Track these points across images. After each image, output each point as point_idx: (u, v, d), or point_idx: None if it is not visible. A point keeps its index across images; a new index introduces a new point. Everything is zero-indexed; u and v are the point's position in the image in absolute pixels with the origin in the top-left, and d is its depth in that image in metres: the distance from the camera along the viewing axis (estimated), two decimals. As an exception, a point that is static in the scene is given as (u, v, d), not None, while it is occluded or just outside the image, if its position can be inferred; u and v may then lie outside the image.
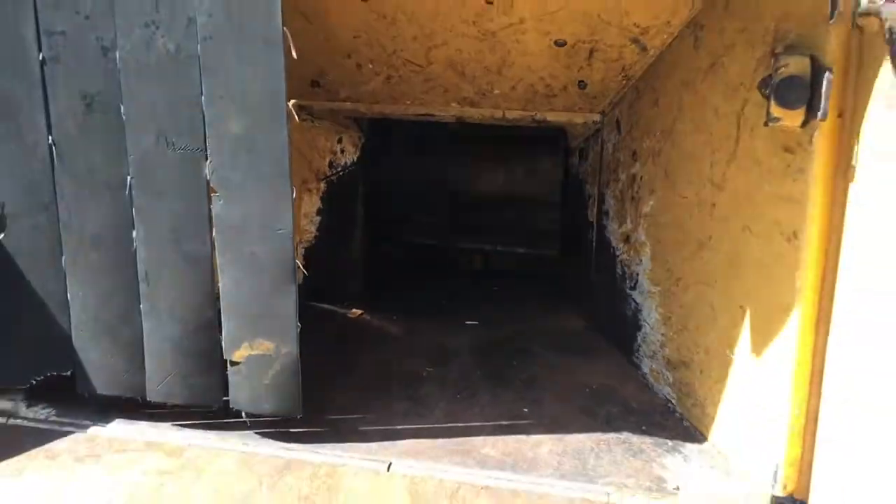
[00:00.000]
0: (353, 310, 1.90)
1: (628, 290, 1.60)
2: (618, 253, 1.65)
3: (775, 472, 1.13)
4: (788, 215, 1.09)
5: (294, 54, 1.16)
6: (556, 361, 1.68)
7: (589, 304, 1.86)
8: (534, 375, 1.60)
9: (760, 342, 1.18)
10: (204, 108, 1.20)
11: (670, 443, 1.33)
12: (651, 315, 1.52)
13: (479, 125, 1.83)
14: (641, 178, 1.54)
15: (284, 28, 1.14)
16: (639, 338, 1.57)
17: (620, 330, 1.64)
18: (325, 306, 1.85)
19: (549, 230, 2.06)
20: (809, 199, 1.06)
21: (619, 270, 1.64)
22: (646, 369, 1.55)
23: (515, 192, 2.08)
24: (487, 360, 1.70)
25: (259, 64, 1.16)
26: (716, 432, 1.31)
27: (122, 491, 1.16)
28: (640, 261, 1.55)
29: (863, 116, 0.98)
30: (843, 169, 1.02)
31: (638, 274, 1.56)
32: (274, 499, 1.15)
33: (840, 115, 1.02)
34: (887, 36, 0.96)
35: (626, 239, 1.60)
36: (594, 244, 1.78)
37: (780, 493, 1.14)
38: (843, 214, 1.03)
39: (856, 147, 0.99)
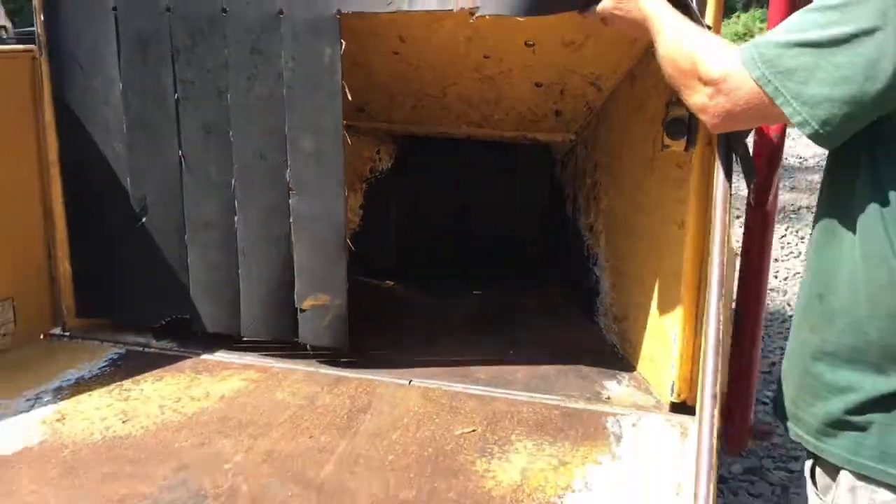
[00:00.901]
0: (387, 281, 2.46)
1: (591, 266, 2.13)
2: (585, 239, 2.18)
3: (672, 386, 1.66)
4: (679, 211, 1.62)
5: (349, 97, 1.72)
6: (536, 321, 2.22)
7: (566, 279, 2.40)
8: (519, 331, 2.14)
9: (665, 299, 1.71)
10: (287, 133, 1.76)
11: (610, 372, 1.86)
12: (604, 284, 2.06)
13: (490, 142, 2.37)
14: (599, 183, 2.07)
15: (343, 81, 1.70)
16: (597, 302, 2.11)
17: (585, 297, 2.18)
18: (365, 279, 2.39)
19: (536, 223, 2.60)
20: (690, 200, 1.58)
21: (585, 252, 2.17)
22: (601, 324, 2.09)
23: (514, 192, 2.62)
24: (486, 319, 2.24)
25: (325, 105, 1.72)
26: (641, 364, 1.84)
27: (228, 389, 1.73)
28: (599, 244, 2.08)
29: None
30: (709, 179, 1.55)
31: (597, 254, 2.09)
32: (331, 397, 1.70)
33: (709, 144, 1.54)
34: None
35: (591, 228, 2.14)
36: (570, 233, 2.32)
37: (675, 399, 1.66)
38: (711, 209, 1.56)
39: (715, 164, 1.51)
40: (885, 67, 0.91)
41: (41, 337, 1.98)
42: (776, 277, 5.01)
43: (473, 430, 1.58)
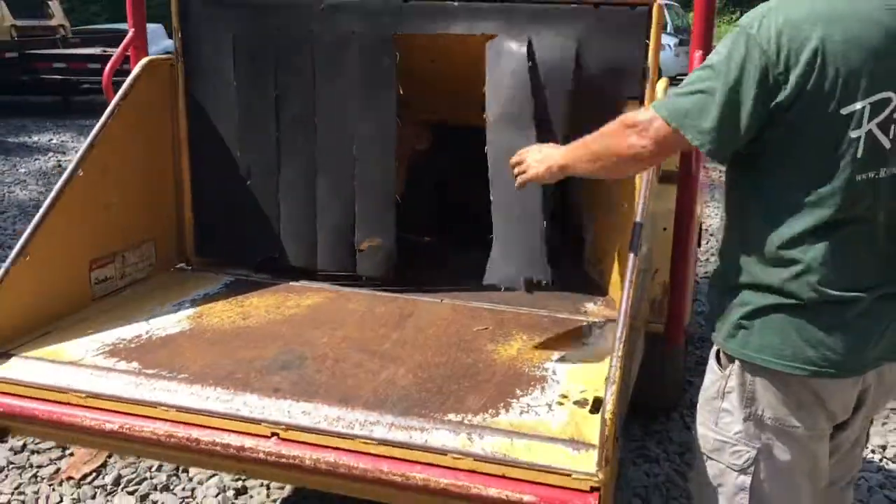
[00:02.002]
0: (424, 237, 3.14)
1: (579, 226, 2.79)
2: (575, 207, 2.84)
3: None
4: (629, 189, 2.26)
5: (400, 93, 2.39)
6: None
7: (565, 237, 3.06)
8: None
9: (624, 245, 2.36)
10: (355, 120, 2.45)
11: (590, 296, 2.51)
12: (587, 238, 2.71)
13: None
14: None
15: (397, 83, 2.37)
16: (585, 252, 2.77)
17: (577, 250, 2.83)
18: (405, 234, 3.06)
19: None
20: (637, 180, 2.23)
21: (574, 218, 2.83)
22: (587, 268, 2.75)
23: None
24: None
25: (383, 100, 2.40)
26: (611, 290, 2.50)
27: (311, 302, 2.41)
28: (583, 211, 2.74)
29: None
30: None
31: (581, 218, 2.75)
32: (384, 308, 2.38)
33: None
34: None
35: (577, 201, 2.80)
36: (570, 205, 2.97)
37: (632, 313, 2.32)
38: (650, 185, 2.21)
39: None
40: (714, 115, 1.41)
41: (171, 269, 2.68)
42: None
43: (486, 328, 2.25)
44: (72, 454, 2.92)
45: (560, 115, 2.24)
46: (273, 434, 1.75)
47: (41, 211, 2.14)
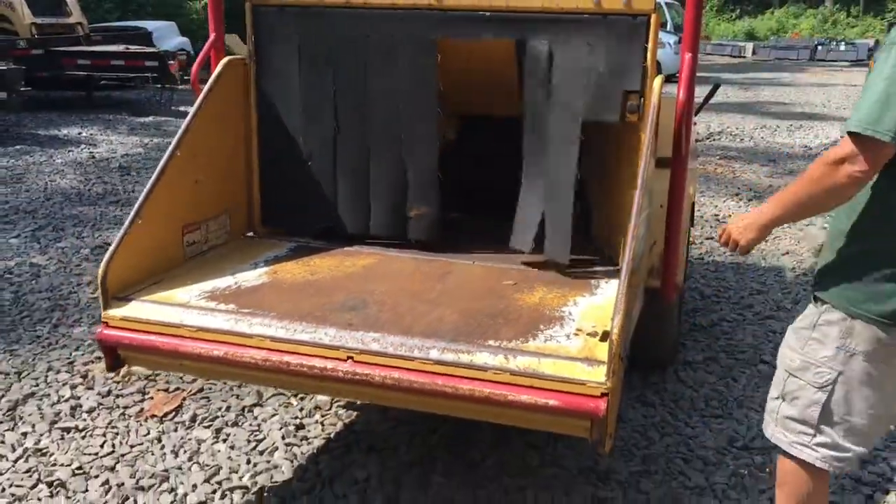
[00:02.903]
0: (451, 214, 3.62)
1: (589, 204, 3.26)
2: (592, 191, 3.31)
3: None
4: (632, 166, 2.73)
5: (441, 88, 2.86)
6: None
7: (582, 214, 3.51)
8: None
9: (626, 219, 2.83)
10: (403, 110, 2.91)
11: (598, 260, 2.99)
12: (594, 213, 3.18)
13: None
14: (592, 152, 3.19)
15: (437, 79, 2.84)
16: (593, 227, 3.23)
17: (585, 221, 3.30)
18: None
19: None
20: (640, 154, 2.70)
21: (587, 197, 3.30)
22: (596, 240, 3.21)
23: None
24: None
25: (426, 93, 2.87)
26: (621, 259, 2.97)
27: (366, 262, 2.88)
28: (592, 190, 3.20)
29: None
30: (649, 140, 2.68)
31: (590, 197, 3.22)
32: (429, 267, 2.84)
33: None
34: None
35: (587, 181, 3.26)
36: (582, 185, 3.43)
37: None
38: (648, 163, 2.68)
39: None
40: None
41: (242, 237, 3.16)
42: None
43: (514, 283, 2.72)
44: (151, 397, 3.40)
45: (577, 105, 2.71)
46: (349, 357, 2.23)
47: (150, 183, 2.61)
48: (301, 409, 3.32)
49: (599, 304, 2.53)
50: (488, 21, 2.77)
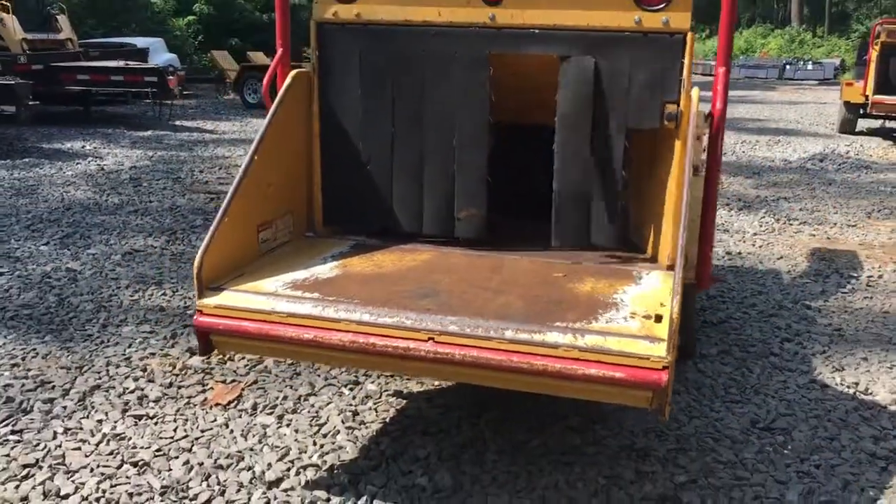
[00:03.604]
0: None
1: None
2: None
3: (667, 257, 3.06)
4: (666, 168, 3.03)
5: (493, 98, 3.13)
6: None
7: None
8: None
9: (660, 217, 3.11)
10: (457, 118, 3.18)
11: (634, 254, 3.27)
12: (633, 212, 3.46)
13: None
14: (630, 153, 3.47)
15: (490, 90, 3.12)
16: (630, 222, 3.50)
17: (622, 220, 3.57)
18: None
19: None
20: (675, 160, 2.99)
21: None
22: (630, 233, 3.47)
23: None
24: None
25: (479, 103, 3.14)
26: (649, 249, 3.25)
27: (424, 258, 3.14)
28: (629, 190, 3.49)
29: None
30: (684, 148, 2.96)
31: (628, 196, 3.50)
32: (481, 261, 3.10)
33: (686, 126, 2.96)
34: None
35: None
36: None
37: (668, 263, 3.07)
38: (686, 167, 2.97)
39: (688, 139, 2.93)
40: None
41: (303, 236, 3.40)
42: (755, 245, 6.44)
43: (564, 275, 3.00)
44: (211, 388, 3.62)
45: (618, 114, 3.00)
46: (430, 338, 2.48)
47: (234, 184, 2.86)
48: (354, 398, 3.56)
49: (646, 292, 2.81)
50: (536, 37, 3.06)
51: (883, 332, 4.57)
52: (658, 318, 2.55)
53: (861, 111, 13.65)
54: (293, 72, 3.20)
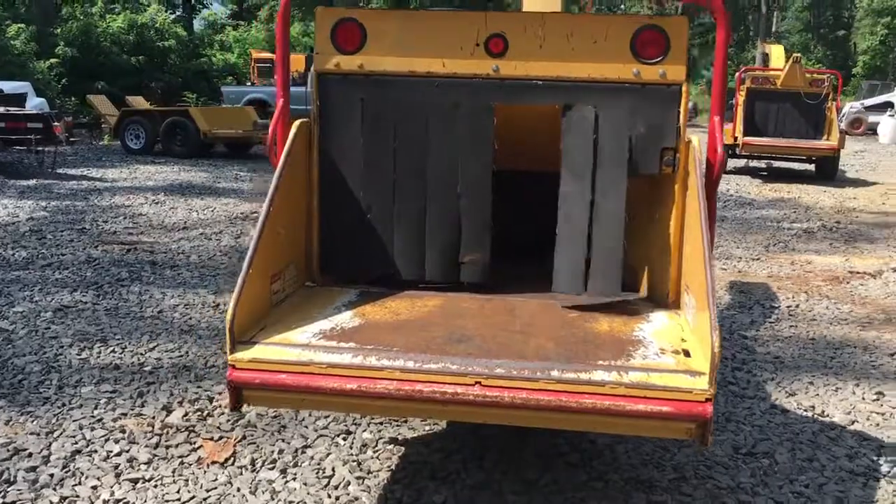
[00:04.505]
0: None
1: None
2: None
3: (666, 295, 3.22)
4: (665, 213, 3.20)
5: (496, 146, 3.23)
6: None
7: None
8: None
9: (661, 261, 3.28)
10: (461, 165, 3.25)
11: (627, 293, 3.41)
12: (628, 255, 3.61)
13: None
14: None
15: (493, 138, 3.21)
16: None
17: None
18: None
19: None
20: (674, 204, 3.16)
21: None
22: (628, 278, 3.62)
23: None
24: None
25: (482, 150, 3.23)
26: (641, 288, 3.40)
27: (434, 304, 3.17)
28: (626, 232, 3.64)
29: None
30: (684, 190, 3.15)
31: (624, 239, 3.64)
32: (490, 305, 3.16)
33: (684, 172, 3.15)
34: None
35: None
36: None
37: (670, 299, 3.22)
38: (684, 210, 3.15)
39: (692, 181, 3.11)
40: None
41: (302, 285, 3.36)
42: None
43: (577, 315, 3.10)
44: (200, 446, 3.50)
45: (621, 160, 3.15)
46: (476, 382, 2.53)
47: (255, 236, 2.81)
48: (351, 447, 3.52)
49: (661, 329, 2.95)
50: (541, 88, 3.19)
51: (817, 358, 4.91)
52: (687, 353, 2.68)
53: (730, 151, 14.62)
54: (297, 122, 3.19)
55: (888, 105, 31.50)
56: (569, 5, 3.03)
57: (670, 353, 2.71)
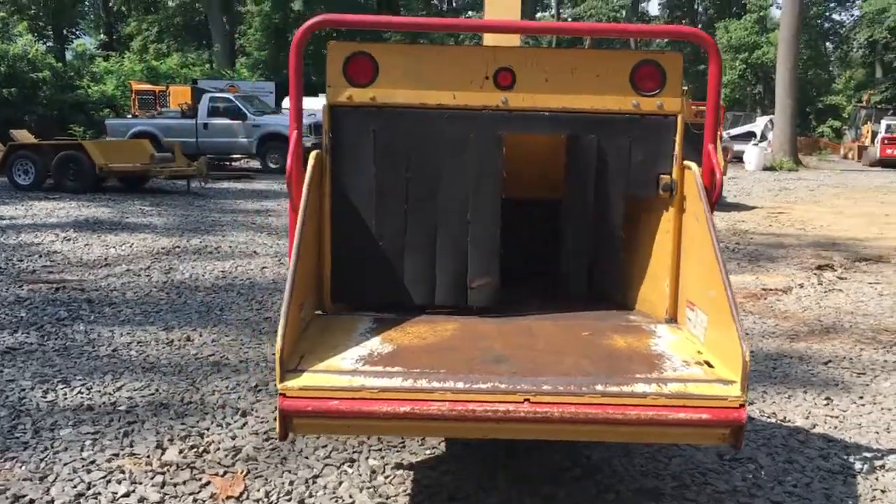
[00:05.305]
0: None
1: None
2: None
3: (665, 312, 3.43)
4: (663, 237, 3.42)
5: (504, 175, 3.37)
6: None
7: None
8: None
9: (657, 283, 3.49)
10: (471, 193, 3.37)
11: (626, 311, 3.60)
12: (626, 272, 3.81)
13: None
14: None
15: (502, 167, 3.35)
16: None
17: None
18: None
19: None
20: (671, 227, 3.39)
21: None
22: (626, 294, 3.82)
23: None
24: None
25: (492, 179, 3.35)
26: (637, 305, 3.60)
27: (451, 328, 3.25)
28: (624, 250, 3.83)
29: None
30: (680, 216, 3.37)
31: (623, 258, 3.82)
32: (506, 326, 3.28)
33: (681, 196, 3.37)
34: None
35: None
36: None
37: (666, 317, 3.43)
38: (680, 234, 3.37)
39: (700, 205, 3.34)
40: None
41: (315, 315, 3.38)
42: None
43: (590, 333, 3.25)
44: (208, 482, 3.45)
45: (621, 185, 3.35)
46: (525, 399, 2.64)
47: (291, 266, 2.84)
48: (360, 475, 3.54)
49: (674, 343, 3.14)
50: (546, 119, 3.35)
51: (761, 370, 5.25)
52: (709, 364, 2.88)
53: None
54: (313, 153, 3.24)
55: (751, 134, 33.72)
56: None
57: (694, 364, 2.89)
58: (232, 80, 34.63)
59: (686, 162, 3.35)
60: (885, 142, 32.01)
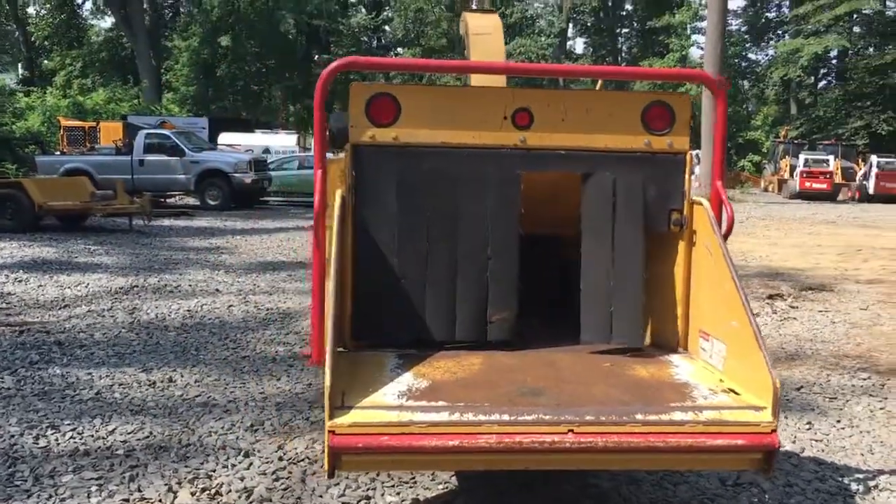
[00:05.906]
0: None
1: None
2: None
3: (677, 342, 3.55)
4: (671, 269, 3.55)
5: (522, 210, 3.46)
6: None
7: None
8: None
9: (668, 316, 3.61)
10: (489, 229, 3.44)
11: (652, 349, 3.71)
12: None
13: None
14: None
15: (520, 203, 3.44)
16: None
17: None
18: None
19: None
20: (679, 261, 3.52)
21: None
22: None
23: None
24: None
25: (510, 214, 3.44)
26: (647, 337, 3.71)
27: (478, 362, 3.31)
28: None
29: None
30: (690, 248, 3.51)
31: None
32: (528, 359, 3.34)
33: (692, 231, 3.51)
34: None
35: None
36: None
37: (681, 349, 3.55)
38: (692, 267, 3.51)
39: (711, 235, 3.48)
40: None
41: (338, 352, 3.39)
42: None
43: (611, 365, 3.35)
44: (230, 525, 3.41)
45: (636, 220, 3.48)
46: (569, 430, 2.72)
47: (331, 307, 2.87)
48: (381, 512, 3.55)
49: (694, 372, 3.26)
50: (564, 157, 3.47)
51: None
52: (735, 392, 3.00)
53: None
54: (338, 191, 3.28)
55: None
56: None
57: (721, 392, 3.01)
58: (162, 116, 34.17)
59: (696, 198, 3.50)
60: (804, 175, 33.43)
